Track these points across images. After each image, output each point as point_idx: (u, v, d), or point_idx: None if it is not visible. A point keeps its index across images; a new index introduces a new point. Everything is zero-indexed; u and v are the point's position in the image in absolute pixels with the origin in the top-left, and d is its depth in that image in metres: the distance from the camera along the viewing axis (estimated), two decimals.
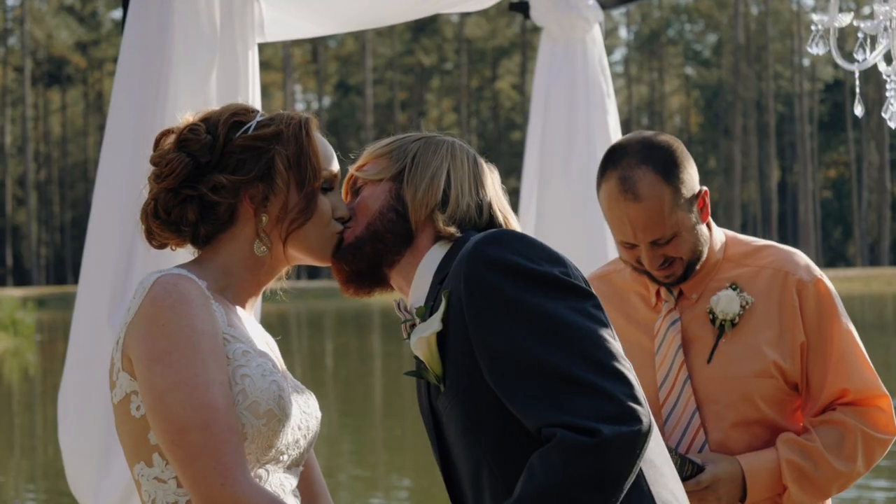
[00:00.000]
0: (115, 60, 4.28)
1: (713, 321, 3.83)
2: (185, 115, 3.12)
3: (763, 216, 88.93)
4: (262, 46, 4.59)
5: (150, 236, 3.09)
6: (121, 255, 4.11)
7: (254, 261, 3.05)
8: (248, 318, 3.11)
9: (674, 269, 3.79)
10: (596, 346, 2.69)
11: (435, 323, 2.83)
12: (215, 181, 2.99)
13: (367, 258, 3.01)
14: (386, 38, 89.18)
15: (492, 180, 3.07)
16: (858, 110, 4.24)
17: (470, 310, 2.75)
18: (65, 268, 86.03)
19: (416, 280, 2.99)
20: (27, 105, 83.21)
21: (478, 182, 3.04)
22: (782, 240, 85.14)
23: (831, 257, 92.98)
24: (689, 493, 3.61)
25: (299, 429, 3.02)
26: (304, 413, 3.05)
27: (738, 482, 3.73)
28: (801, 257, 3.88)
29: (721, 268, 3.88)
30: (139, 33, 4.19)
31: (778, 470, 3.75)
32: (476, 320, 2.74)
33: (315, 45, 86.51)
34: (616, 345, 2.73)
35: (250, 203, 3.01)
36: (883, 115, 4.19)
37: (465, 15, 78.59)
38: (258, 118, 3.07)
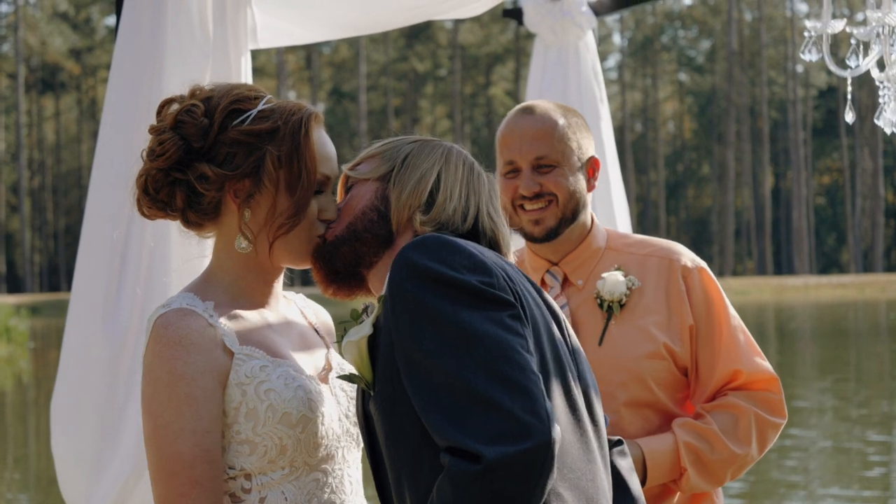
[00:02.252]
0: (108, 67, 4.30)
1: (601, 305, 3.89)
2: (194, 86, 3.07)
3: (757, 222, 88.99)
4: (255, 53, 4.59)
5: (140, 207, 3.07)
6: (114, 262, 4.10)
7: (248, 259, 3.03)
8: (279, 314, 3.10)
9: (546, 214, 3.87)
10: (504, 359, 2.60)
11: (366, 327, 2.79)
12: (201, 171, 2.96)
13: (344, 258, 2.97)
14: (380, 44, 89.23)
15: (488, 190, 3.01)
16: (850, 117, 4.24)
17: (393, 317, 2.68)
18: (58, 275, 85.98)
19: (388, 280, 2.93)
20: (21, 112, 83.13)
21: (469, 189, 2.98)
22: (776, 246, 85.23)
23: (825, 264, 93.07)
24: None
25: (346, 417, 3.05)
26: (350, 401, 3.07)
27: (639, 465, 3.75)
28: (683, 248, 3.99)
29: (605, 256, 3.97)
30: (132, 40, 4.18)
31: (676, 453, 3.79)
32: (397, 329, 2.67)
33: (309, 52, 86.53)
34: (526, 357, 2.62)
35: (234, 198, 2.99)
36: (876, 121, 4.20)
37: (458, 21, 78.68)
38: (260, 106, 3.00)
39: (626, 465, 3.02)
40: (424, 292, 2.65)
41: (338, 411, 3.03)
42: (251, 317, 3.03)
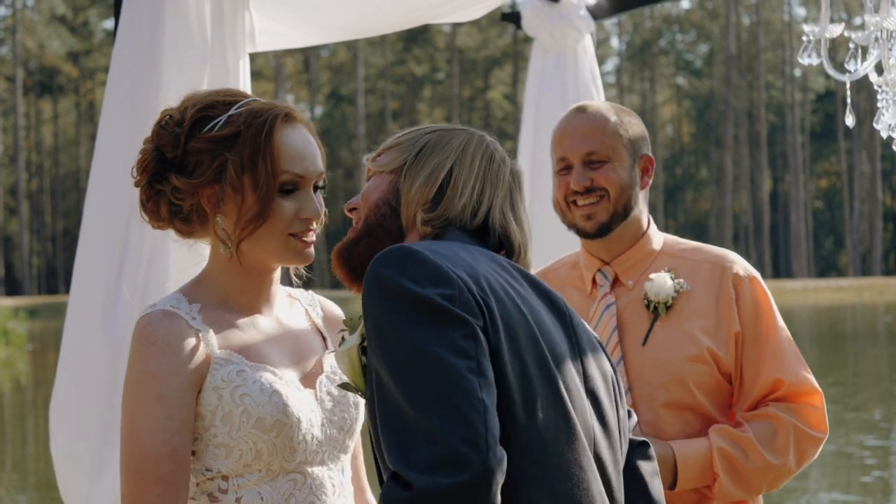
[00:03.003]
0: (107, 70, 4.27)
1: (648, 306, 3.89)
2: (187, 95, 3.11)
3: (755, 226, 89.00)
4: (253, 56, 4.59)
5: (143, 218, 3.13)
6: (112, 264, 4.10)
7: (234, 262, 3.05)
8: (271, 318, 3.11)
9: (598, 209, 3.88)
10: (450, 384, 2.51)
11: (354, 338, 2.78)
12: (173, 182, 3.00)
13: (360, 255, 2.88)
14: (378, 47, 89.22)
15: (507, 184, 2.91)
16: (849, 120, 4.25)
17: (366, 329, 2.65)
18: (56, 277, 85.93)
19: None
20: (19, 115, 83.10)
21: (485, 183, 2.88)
22: (774, 250, 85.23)
23: (823, 267, 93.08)
24: None
25: (331, 423, 3.05)
26: (336, 405, 3.07)
27: (670, 467, 3.74)
28: (738, 256, 3.98)
29: (658, 259, 3.96)
30: (130, 43, 4.19)
31: (710, 459, 3.77)
32: (369, 341, 2.64)
33: (307, 55, 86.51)
34: (473, 383, 2.54)
35: (207, 203, 3.01)
36: (874, 125, 4.20)
37: (456, 25, 78.69)
38: (232, 111, 3.01)
39: (650, 469, 2.97)
40: (387, 306, 2.60)
41: (321, 417, 3.04)
42: (237, 321, 3.05)
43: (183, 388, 2.93)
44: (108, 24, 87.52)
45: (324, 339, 3.21)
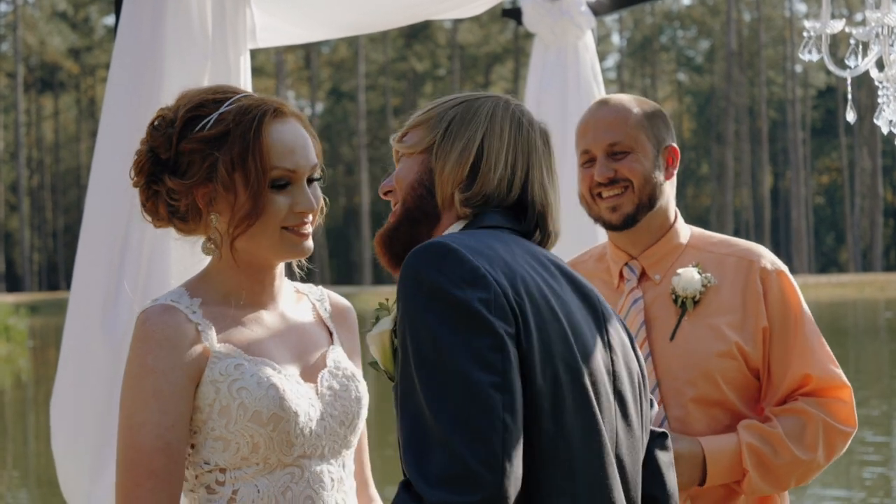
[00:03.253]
0: (107, 67, 4.27)
1: (675, 300, 3.88)
2: (181, 93, 3.11)
3: (755, 222, 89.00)
4: (254, 52, 4.59)
5: (143, 213, 3.14)
6: (113, 260, 4.11)
7: (230, 260, 3.06)
8: (275, 312, 3.12)
9: (623, 200, 3.86)
10: (472, 400, 2.49)
11: (387, 322, 2.78)
12: (167, 183, 3.01)
13: (401, 240, 2.83)
14: (379, 44, 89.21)
15: (540, 151, 2.85)
16: (850, 116, 4.25)
17: (399, 320, 2.63)
18: (57, 274, 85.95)
19: None
20: (20, 111, 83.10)
21: (517, 152, 2.82)
22: (775, 246, 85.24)
23: (824, 263, 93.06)
24: None
25: (332, 417, 3.06)
26: (337, 399, 3.08)
27: (699, 463, 3.73)
28: (766, 250, 3.95)
29: (685, 253, 3.94)
30: (131, 39, 4.19)
31: (739, 454, 3.76)
32: (400, 333, 2.62)
33: (308, 51, 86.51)
34: (496, 400, 2.51)
35: (202, 202, 3.02)
36: (875, 120, 4.20)
37: (457, 21, 78.66)
38: (223, 109, 3.02)
39: (666, 460, 2.96)
40: (421, 303, 2.57)
41: (320, 411, 3.05)
42: (238, 315, 3.06)
43: (180, 382, 2.94)
44: (109, 20, 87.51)
45: (330, 333, 3.22)
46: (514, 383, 2.55)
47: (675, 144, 3.96)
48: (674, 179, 3.98)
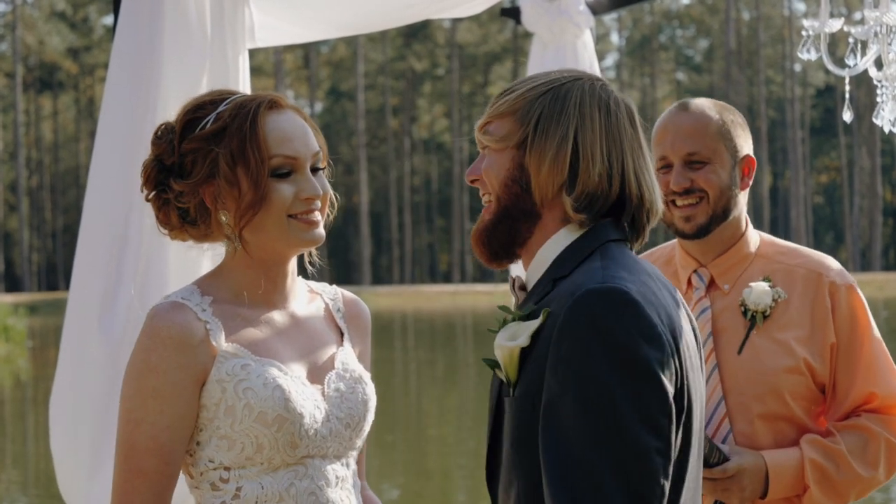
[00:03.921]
0: (106, 66, 4.27)
1: (745, 313, 3.84)
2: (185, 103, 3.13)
3: (755, 221, 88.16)
4: (253, 52, 4.59)
5: (159, 226, 3.16)
6: (112, 260, 4.10)
7: (243, 257, 3.06)
8: (286, 312, 3.12)
9: (697, 210, 3.83)
10: (636, 460, 2.52)
11: (523, 338, 2.69)
12: (174, 187, 3.03)
13: (500, 238, 2.79)
14: (378, 43, 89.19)
15: (630, 137, 2.78)
16: (848, 116, 4.25)
17: (554, 351, 2.60)
18: (56, 274, 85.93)
19: (535, 262, 2.79)
20: (19, 111, 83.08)
21: (610, 140, 2.74)
22: None
23: None
24: (714, 480, 3.68)
25: (338, 419, 3.07)
26: (344, 402, 3.08)
27: (762, 477, 3.73)
28: (835, 262, 3.92)
29: (754, 262, 3.91)
30: (130, 39, 4.18)
31: (801, 469, 3.76)
32: (554, 367, 2.59)
33: (307, 51, 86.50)
34: (659, 465, 2.54)
35: (210, 201, 3.03)
36: (874, 119, 4.20)
37: (456, 20, 78.65)
38: (219, 108, 3.03)
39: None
40: (597, 351, 2.55)
41: (326, 413, 3.05)
42: (248, 315, 3.06)
43: (182, 382, 2.95)
44: (108, 20, 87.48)
45: (341, 334, 3.22)
46: (672, 446, 2.59)
47: (752, 154, 3.92)
48: (748, 189, 3.95)
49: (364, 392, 3.13)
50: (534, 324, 2.67)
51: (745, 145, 3.90)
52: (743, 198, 3.91)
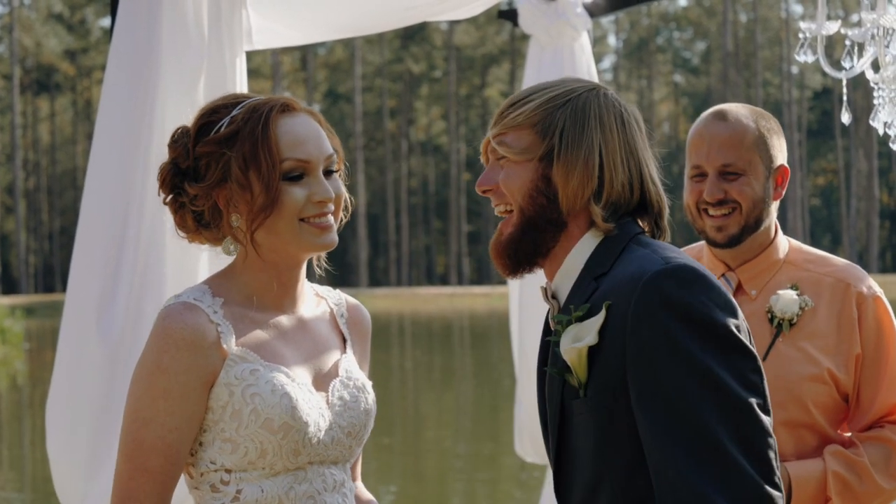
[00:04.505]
0: (104, 68, 4.28)
1: (771, 320, 3.85)
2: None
3: None
4: (251, 54, 4.59)
5: (177, 231, 3.17)
6: (109, 262, 4.10)
7: (255, 260, 3.06)
8: (294, 317, 3.12)
9: (729, 221, 3.82)
10: (748, 421, 2.61)
11: (591, 336, 2.72)
12: (188, 190, 3.03)
13: (524, 250, 2.84)
14: (375, 45, 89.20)
15: (639, 139, 2.87)
16: (845, 118, 4.26)
17: (633, 339, 2.65)
18: (53, 276, 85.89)
19: (564, 268, 2.85)
20: (16, 113, 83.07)
21: (629, 150, 2.83)
22: None
23: None
24: None
25: (340, 427, 3.07)
26: (346, 410, 3.09)
27: (785, 487, 3.72)
28: (862, 272, 3.93)
29: (782, 269, 3.91)
30: (127, 41, 4.19)
31: (824, 481, 3.76)
32: (638, 354, 2.65)
33: (304, 53, 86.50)
34: (765, 421, 2.63)
35: (223, 204, 3.03)
36: (871, 122, 4.21)
37: (453, 23, 78.69)
38: (233, 112, 3.04)
39: None
40: (678, 328, 2.62)
41: (330, 421, 3.05)
42: (258, 318, 3.06)
43: (192, 385, 2.95)
44: (106, 22, 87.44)
45: (344, 340, 3.22)
46: (769, 402, 2.68)
47: (785, 163, 3.91)
48: (781, 198, 3.94)
49: (366, 401, 3.14)
50: (597, 320, 2.72)
51: (780, 155, 3.89)
52: (775, 207, 3.90)
